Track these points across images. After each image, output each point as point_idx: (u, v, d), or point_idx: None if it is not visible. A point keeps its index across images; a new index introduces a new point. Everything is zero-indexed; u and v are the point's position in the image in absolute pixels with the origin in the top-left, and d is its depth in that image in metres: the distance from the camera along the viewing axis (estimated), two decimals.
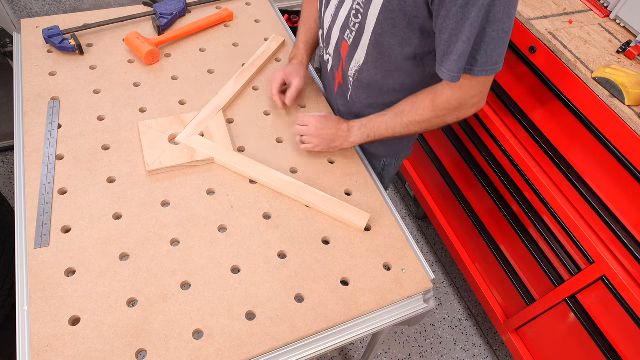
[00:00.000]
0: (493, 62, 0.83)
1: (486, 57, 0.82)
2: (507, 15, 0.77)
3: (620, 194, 1.09)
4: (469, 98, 0.89)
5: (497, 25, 0.78)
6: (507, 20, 0.78)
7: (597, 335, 1.20)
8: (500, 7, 0.76)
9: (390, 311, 0.89)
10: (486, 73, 0.84)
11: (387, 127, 0.99)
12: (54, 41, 1.19)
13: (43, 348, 0.75)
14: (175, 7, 1.34)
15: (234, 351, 0.78)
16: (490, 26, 0.78)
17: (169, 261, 0.88)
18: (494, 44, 0.80)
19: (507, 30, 0.80)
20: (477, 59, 0.82)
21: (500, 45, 0.81)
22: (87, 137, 1.04)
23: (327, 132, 1.04)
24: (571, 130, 1.18)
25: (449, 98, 0.90)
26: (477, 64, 0.83)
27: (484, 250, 1.60)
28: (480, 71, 0.83)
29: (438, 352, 1.74)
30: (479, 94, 0.89)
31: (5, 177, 1.98)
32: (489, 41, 0.80)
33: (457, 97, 0.89)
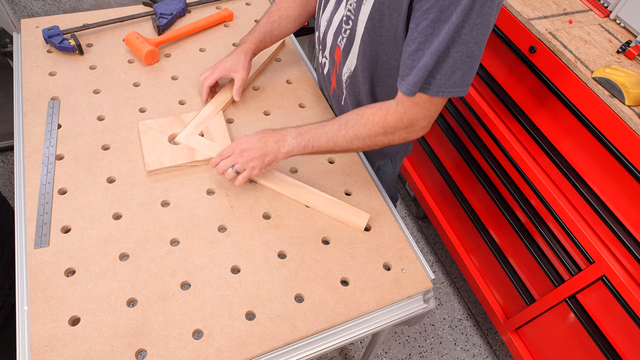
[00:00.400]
0: (451, 84, 0.80)
1: (445, 78, 0.79)
2: (475, 41, 0.75)
3: (620, 194, 1.09)
4: (420, 119, 0.86)
5: (462, 47, 0.76)
6: (473, 46, 0.76)
7: (597, 335, 1.20)
8: (469, 30, 0.74)
9: (390, 311, 0.89)
10: (443, 94, 0.81)
11: (329, 139, 0.91)
12: (54, 41, 1.19)
13: (43, 348, 0.75)
14: (175, 7, 1.34)
15: (234, 351, 0.78)
16: (455, 47, 0.76)
17: (169, 261, 0.88)
18: (454, 66, 0.78)
19: (471, 56, 0.77)
20: (436, 77, 0.79)
21: (461, 69, 0.78)
22: (87, 137, 1.04)
23: (255, 148, 0.92)
24: (571, 131, 1.18)
25: (401, 117, 0.86)
26: (435, 83, 0.80)
27: (484, 250, 1.60)
28: (437, 91, 0.80)
29: (438, 352, 1.74)
30: (429, 118, 0.87)
31: (5, 177, 1.98)
32: (451, 62, 0.77)
33: (409, 116, 0.85)
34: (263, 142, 0.92)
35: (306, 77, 1.28)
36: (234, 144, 0.94)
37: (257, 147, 0.92)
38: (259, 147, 0.92)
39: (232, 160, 0.93)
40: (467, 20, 0.73)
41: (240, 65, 1.09)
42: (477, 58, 0.78)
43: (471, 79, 0.81)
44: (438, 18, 0.74)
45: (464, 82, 0.80)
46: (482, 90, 1.44)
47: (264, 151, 0.92)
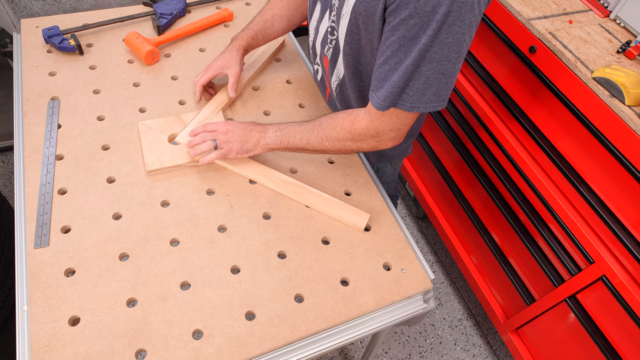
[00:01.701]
0: (425, 100, 0.80)
1: (418, 94, 0.79)
2: (447, 59, 0.75)
3: (620, 194, 1.09)
4: (387, 131, 0.87)
5: (434, 65, 0.76)
6: (445, 63, 0.76)
7: (597, 335, 1.20)
8: (439, 49, 0.74)
9: (390, 311, 0.89)
10: (417, 109, 0.81)
11: (302, 137, 0.94)
12: (54, 41, 1.19)
13: (42, 348, 0.75)
14: (175, 7, 1.34)
15: (234, 351, 0.78)
16: (425, 65, 0.76)
17: (169, 261, 0.88)
18: (427, 83, 0.78)
19: (445, 73, 0.77)
20: (409, 94, 0.80)
21: (435, 85, 0.78)
22: (86, 137, 1.04)
23: (238, 133, 0.97)
24: (571, 130, 1.18)
25: (368, 126, 0.87)
26: (408, 99, 0.80)
27: (484, 250, 1.60)
28: (411, 107, 0.81)
29: (438, 352, 1.74)
30: (396, 130, 0.87)
31: (5, 177, 1.98)
32: (423, 79, 0.77)
33: (375, 127, 0.87)
34: (248, 130, 0.97)
35: (306, 77, 1.28)
36: (221, 123, 0.98)
37: (241, 133, 0.97)
38: (242, 132, 0.97)
39: (214, 135, 0.97)
40: (436, 39, 0.73)
41: (232, 61, 1.10)
42: (451, 74, 0.78)
43: (447, 93, 0.81)
44: (405, 36, 0.74)
45: (439, 97, 0.80)
46: (482, 90, 1.44)
47: (246, 138, 0.97)
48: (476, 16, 0.74)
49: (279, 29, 1.16)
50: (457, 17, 0.71)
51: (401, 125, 0.87)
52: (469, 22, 0.73)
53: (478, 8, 0.73)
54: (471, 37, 0.77)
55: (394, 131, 0.87)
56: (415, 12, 0.71)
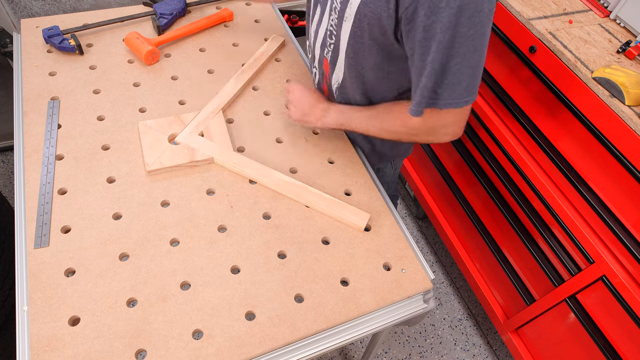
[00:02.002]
0: (457, 96, 0.80)
1: (449, 91, 0.79)
2: (473, 50, 0.75)
3: (620, 194, 1.09)
4: (440, 127, 0.88)
5: (460, 59, 0.75)
6: (472, 55, 0.76)
7: (597, 335, 1.20)
8: (463, 43, 0.73)
9: (390, 311, 0.89)
10: (451, 106, 0.82)
11: (360, 124, 0.98)
12: (54, 41, 1.18)
13: (43, 348, 0.75)
14: (175, 7, 1.34)
15: (234, 351, 0.78)
16: (451, 61, 0.75)
17: (169, 261, 0.88)
18: (457, 78, 0.78)
19: (474, 65, 0.77)
20: (439, 92, 0.80)
21: (465, 80, 0.79)
22: (87, 137, 1.04)
23: (304, 104, 1.03)
24: (571, 130, 1.18)
25: (421, 124, 0.88)
26: (441, 98, 0.80)
27: (484, 250, 1.60)
28: (445, 104, 0.81)
29: (438, 352, 1.74)
30: (451, 125, 0.87)
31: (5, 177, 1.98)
32: (451, 76, 0.77)
33: (428, 125, 0.88)
34: (313, 105, 1.03)
35: (306, 77, 1.28)
36: (296, 89, 1.05)
37: (307, 105, 1.03)
38: (308, 105, 1.03)
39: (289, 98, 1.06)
40: (457, 34, 0.72)
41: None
42: (479, 65, 0.78)
43: (477, 85, 0.81)
44: (423, 37, 0.74)
45: (470, 91, 0.81)
46: (482, 90, 1.44)
47: (309, 111, 1.03)
48: (493, 3, 0.73)
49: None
50: (475, 8, 0.70)
51: (454, 119, 0.86)
52: (487, 10, 0.72)
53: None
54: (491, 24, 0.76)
55: (446, 127, 0.87)
56: (431, 11, 0.71)
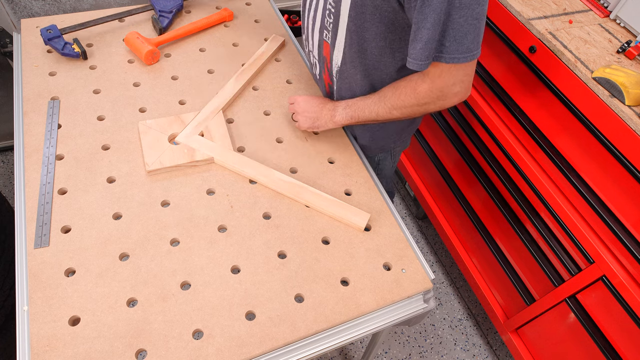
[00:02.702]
0: (464, 50, 0.80)
1: (456, 44, 0.79)
2: (476, 1, 0.75)
3: (620, 194, 1.09)
4: (449, 86, 0.87)
5: (464, 11, 0.75)
6: (476, 7, 0.76)
7: (597, 335, 1.20)
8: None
9: (390, 311, 0.89)
10: (457, 60, 0.82)
11: (371, 111, 0.98)
12: (55, 45, 1.17)
13: (43, 348, 0.75)
14: (174, 4, 1.33)
15: (234, 351, 0.78)
16: (456, 12, 0.76)
17: (169, 261, 0.88)
18: (462, 31, 0.78)
19: (477, 17, 0.77)
20: (446, 45, 0.80)
21: (471, 32, 0.79)
22: (87, 137, 1.04)
23: (311, 110, 1.05)
24: (571, 130, 1.18)
25: (429, 88, 0.89)
26: (446, 51, 0.81)
27: (484, 250, 1.60)
28: (451, 58, 0.81)
29: (438, 352, 1.74)
30: (460, 83, 0.87)
31: (5, 177, 1.98)
32: (457, 27, 0.77)
33: (437, 87, 0.88)
34: (319, 109, 1.05)
35: (306, 77, 1.28)
36: (299, 100, 1.07)
37: (313, 111, 1.06)
38: (314, 111, 1.06)
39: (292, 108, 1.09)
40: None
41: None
42: (482, 17, 0.78)
43: (481, 39, 0.81)
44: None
45: (476, 44, 0.81)
46: (482, 90, 1.44)
47: (317, 115, 1.05)
48: None
49: None
50: None
51: (463, 77, 0.86)
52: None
53: None
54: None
55: (457, 85, 0.87)
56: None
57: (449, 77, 0.86)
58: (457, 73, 0.85)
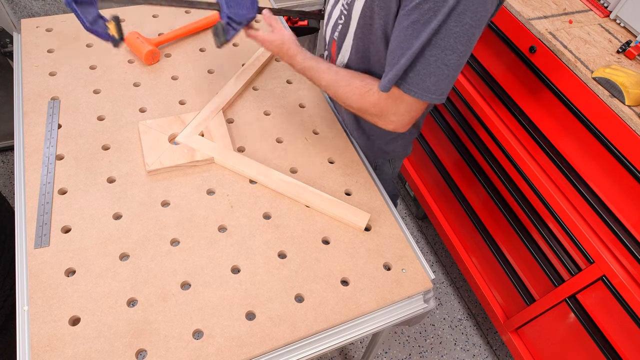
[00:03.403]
0: (424, 88, 0.80)
1: (417, 79, 0.80)
2: (452, 49, 0.75)
3: (620, 194, 1.09)
4: (390, 113, 0.88)
5: (437, 52, 0.76)
6: (450, 54, 0.76)
7: (597, 335, 1.20)
8: (445, 36, 0.74)
9: (390, 311, 0.89)
10: (413, 94, 0.81)
11: (320, 83, 0.96)
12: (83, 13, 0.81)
13: (43, 348, 0.75)
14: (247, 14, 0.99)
15: (234, 351, 0.78)
16: (429, 49, 0.76)
17: (169, 261, 0.88)
18: (428, 69, 0.78)
19: (448, 64, 0.77)
20: (409, 75, 0.80)
21: (435, 74, 0.78)
22: (87, 137, 1.04)
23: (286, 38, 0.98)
24: (571, 130, 1.18)
25: (375, 103, 0.89)
26: (407, 81, 0.81)
27: (484, 250, 1.60)
28: (408, 89, 0.81)
29: (438, 352, 1.74)
30: (398, 115, 0.87)
31: (5, 177, 1.98)
32: (424, 64, 0.78)
33: (382, 106, 0.88)
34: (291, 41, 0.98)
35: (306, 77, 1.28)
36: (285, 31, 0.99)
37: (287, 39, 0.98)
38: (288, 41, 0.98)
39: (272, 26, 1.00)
40: (445, 25, 0.73)
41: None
42: (454, 68, 0.78)
43: (447, 88, 0.81)
44: (418, 20, 0.74)
45: (438, 89, 0.80)
46: (482, 90, 1.44)
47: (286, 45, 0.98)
48: (487, 13, 0.74)
49: None
50: (468, 7, 0.71)
51: (403, 112, 0.87)
52: (479, 16, 0.73)
53: (491, 4, 0.74)
54: (478, 35, 0.77)
55: (396, 115, 0.88)
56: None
57: (393, 105, 0.86)
58: (401, 105, 0.86)
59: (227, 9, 0.94)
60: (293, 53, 0.97)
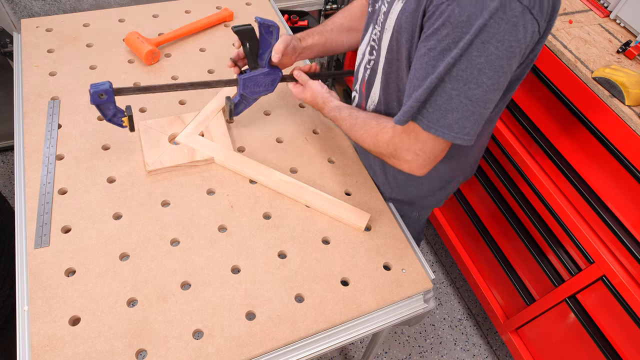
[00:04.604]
0: (445, 125, 0.72)
1: (438, 114, 0.72)
2: (476, 83, 0.67)
3: (620, 194, 1.09)
4: (404, 150, 0.80)
5: (459, 85, 0.68)
6: (475, 88, 0.68)
7: (597, 335, 1.20)
8: (467, 68, 0.67)
9: (390, 311, 0.89)
10: (434, 131, 0.73)
11: (344, 130, 0.95)
12: (105, 110, 0.93)
13: (43, 348, 0.75)
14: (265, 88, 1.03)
15: (234, 351, 0.78)
16: (450, 82, 0.69)
17: (169, 261, 0.88)
18: (449, 104, 0.70)
19: (472, 99, 0.69)
20: (429, 110, 0.72)
21: (458, 111, 0.70)
22: (87, 137, 1.04)
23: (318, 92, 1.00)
24: (571, 130, 1.18)
25: (389, 140, 0.83)
26: (427, 116, 0.73)
27: (484, 250, 1.60)
28: (428, 126, 0.73)
29: (438, 352, 1.74)
30: (413, 153, 0.79)
31: (5, 177, 1.98)
32: (445, 98, 0.70)
33: (395, 142, 0.81)
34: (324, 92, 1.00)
35: None
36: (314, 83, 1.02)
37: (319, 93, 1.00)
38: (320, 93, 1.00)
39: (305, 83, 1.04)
40: (466, 55, 0.66)
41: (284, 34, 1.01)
42: (480, 104, 0.70)
43: (473, 127, 0.73)
44: (435, 47, 0.68)
45: (462, 127, 0.72)
46: None
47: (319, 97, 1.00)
48: (520, 43, 0.65)
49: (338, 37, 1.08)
50: (493, 35, 0.63)
51: (419, 150, 0.79)
52: (508, 45, 0.65)
53: (523, 34, 0.64)
54: (510, 67, 0.68)
55: (410, 153, 0.80)
56: (449, 21, 0.65)
57: (408, 141, 0.79)
58: (417, 142, 0.78)
59: (242, 89, 1.01)
60: (321, 106, 1.00)
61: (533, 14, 0.64)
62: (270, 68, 1.00)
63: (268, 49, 0.96)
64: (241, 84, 1.00)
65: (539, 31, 0.67)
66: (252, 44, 0.95)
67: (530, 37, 0.67)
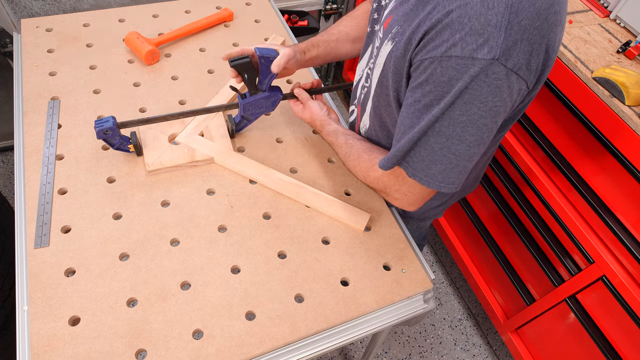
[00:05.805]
0: (430, 175, 0.73)
1: (422, 165, 0.73)
2: (459, 139, 0.68)
3: (620, 194, 1.09)
4: (393, 190, 0.83)
5: (442, 140, 0.69)
6: (457, 143, 0.68)
7: (597, 335, 1.20)
8: (449, 125, 0.67)
9: (390, 311, 0.89)
10: (419, 179, 0.75)
11: (340, 155, 0.97)
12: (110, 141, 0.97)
13: (43, 348, 0.75)
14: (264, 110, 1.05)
15: (234, 351, 0.78)
16: (433, 137, 0.69)
17: (169, 261, 0.88)
18: (433, 157, 0.71)
19: (456, 154, 0.70)
20: (413, 159, 0.74)
21: (442, 163, 0.71)
22: (87, 137, 1.04)
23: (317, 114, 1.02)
24: (571, 131, 1.18)
25: (379, 178, 0.86)
26: (411, 164, 0.74)
27: (484, 250, 1.60)
28: (413, 174, 0.75)
29: (438, 352, 1.74)
30: (401, 194, 0.82)
31: (5, 177, 1.98)
32: (429, 151, 0.71)
33: (384, 181, 0.84)
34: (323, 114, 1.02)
35: (306, 78, 1.28)
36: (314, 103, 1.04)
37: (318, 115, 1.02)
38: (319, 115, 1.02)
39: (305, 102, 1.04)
40: (448, 114, 0.66)
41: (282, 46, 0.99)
42: (464, 157, 0.71)
43: (459, 178, 0.74)
44: (419, 100, 0.69)
45: (446, 178, 0.73)
46: None
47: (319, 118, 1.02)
48: (505, 101, 0.65)
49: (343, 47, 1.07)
50: (475, 97, 0.63)
51: (407, 192, 0.82)
52: (491, 105, 0.64)
53: (508, 93, 0.64)
54: (497, 123, 0.68)
55: (399, 193, 0.83)
56: (432, 79, 0.65)
57: (396, 183, 0.82)
58: (404, 185, 0.80)
59: (243, 112, 1.03)
60: (319, 129, 1.03)
61: (519, 74, 0.63)
62: (270, 92, 1.01)
63: (268, 75, 0.97)
64: (241, 109, 1.02)
65: (528, 87, 0.67)
66: (250, 74, 0.96)
67: (517, 94, 0.66)
